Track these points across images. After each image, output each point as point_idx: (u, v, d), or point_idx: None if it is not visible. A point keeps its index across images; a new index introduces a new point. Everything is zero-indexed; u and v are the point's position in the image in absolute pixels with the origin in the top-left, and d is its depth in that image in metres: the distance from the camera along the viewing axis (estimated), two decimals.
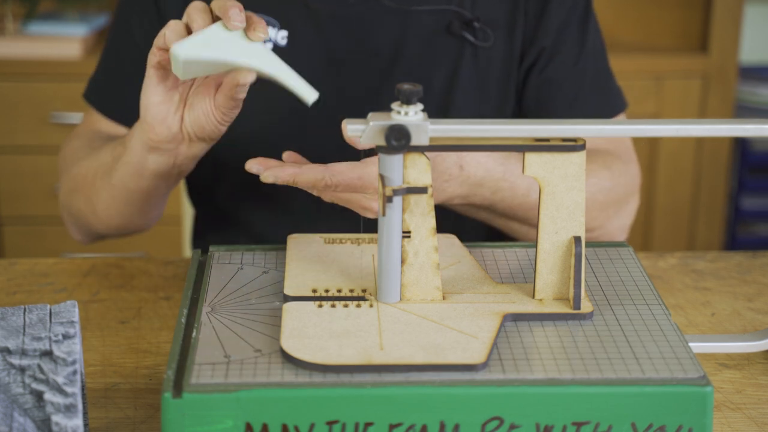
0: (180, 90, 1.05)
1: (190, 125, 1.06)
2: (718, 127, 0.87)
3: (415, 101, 0.86)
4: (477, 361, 0.81)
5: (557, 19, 1.27)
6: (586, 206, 1.21)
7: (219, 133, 1.07)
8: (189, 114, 1.05)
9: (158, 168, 1.11)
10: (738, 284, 1.19)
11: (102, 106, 1.32)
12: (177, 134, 1.07)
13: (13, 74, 2.46)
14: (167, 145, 1.08)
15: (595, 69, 1.30)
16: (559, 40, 1.27)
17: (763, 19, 2.89)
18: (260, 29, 0.98)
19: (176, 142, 1.07)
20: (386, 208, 0.87)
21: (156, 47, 1.02)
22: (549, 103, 1.28)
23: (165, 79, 1.04)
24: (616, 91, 1.33)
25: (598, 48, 1.31)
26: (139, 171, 1.13)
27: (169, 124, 1.06)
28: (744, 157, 2.73)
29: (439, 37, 1.26)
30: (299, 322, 0.86)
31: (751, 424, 0.90)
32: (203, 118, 1.04)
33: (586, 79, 1.29)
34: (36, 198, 2.51)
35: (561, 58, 1.27)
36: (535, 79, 1.28)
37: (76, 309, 0.87)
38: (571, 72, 1.28)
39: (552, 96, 1.28)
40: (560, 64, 1.27)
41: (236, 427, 0.78)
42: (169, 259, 1.24)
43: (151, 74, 1.03)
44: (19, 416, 0.77)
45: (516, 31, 1.27)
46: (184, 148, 1.09)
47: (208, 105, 1.04)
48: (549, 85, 1.28)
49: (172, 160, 1.10)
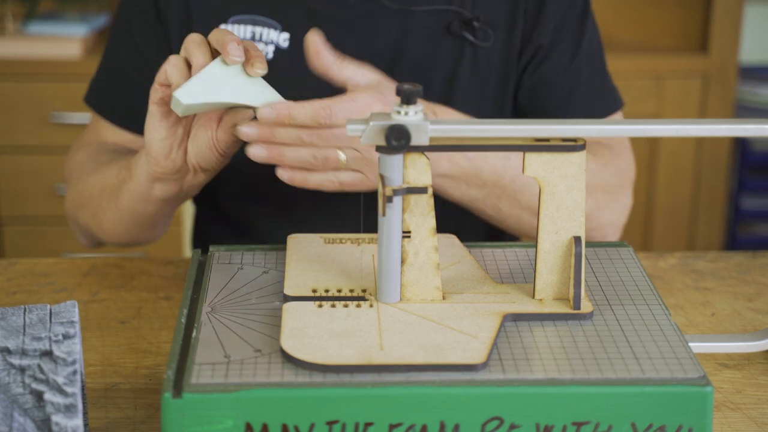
0: (183, 123, 1.05)
1: (194, 157, 1.06)
2: (718, 127, 0.87)
3: (415, 101, 0.86)
4: (477, 361, 0.81)
5: (554, 18, 1.27)
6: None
7: (222, 164, 1.07)
8: (192, 146, 1.05)
9: (164, 195, 1.12)
10: (738, 284, 1.19)
11: (104, 111, 1.32)
12: (182, 166, 1.07)
13: (13, 74, 2.46)
14: (173, 176, 1.08)
15: (591, 68, 1.30)
16: (555, 39, 1.27)
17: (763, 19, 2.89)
18: (258, 65, 0.99)
19: (181, 173, 1.08)
20: (386, 208, 0.87)
21: (158, 83, 1.02)
22: (544, 101, 1.28)
23: (168, 114, 1.04)
24: (612, 90, 1.33)
25: (595, 47, 1.30)
26: (145, 197, 1.14)
27: (174, 158, 1.06)
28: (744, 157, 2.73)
29: (439, 38, 1.26)
30: (299, 322, 0.86)
31: (751, 424, 0.90)
32: (206, 151, 1.04)
33: (581, 77, 1.29)
34: (36, 198, 2.51)
35: (556, 57, 1.27)
36: (530, 77, 1.28)
37: (76, 309, 0.87)
38: (567, 70, 1.28)
39: (546, 94, 1.28)
40: (555, 63, 1.27)
41: (236, 427, 0.78)
42: (169, 259, 1.24)
43: (154, 110, 1.03)
44: (19, 416, 0.77)
45: (515, 30, 1.27)
46: (190, 177, 1.09)
47: (211, 139, 1.04)
48: (543, 83, 1.28)
49: (178, 188, 1.11)
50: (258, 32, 1.25)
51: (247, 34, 1.26)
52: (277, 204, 1.32)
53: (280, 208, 1.32)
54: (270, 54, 1.25)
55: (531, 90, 1.28)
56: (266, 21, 1.25)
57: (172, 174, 1.08)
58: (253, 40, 1.26)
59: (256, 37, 1.25)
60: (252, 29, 1.25)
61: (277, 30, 1.25)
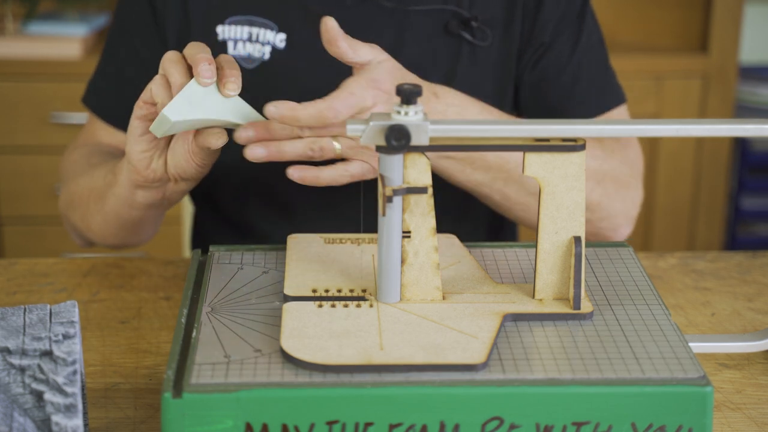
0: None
1: (173, 168, 1.06)
2: (718, 127, 0.87)
3: (415, 101, 0.86)
4: (477, 361, 0.81)
5: (553, 14, 1.27)
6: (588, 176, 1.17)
7: (201, 174, 1.07)
8: (171, 158, 1.06)
9: (147, 201, 1.13)
10: (738, 284, 1.19)
11: (100, 111, 1.33)
12: (162, 176, 1.08)
13: (13, 74, 2.46)
14: (153, 184, 1.09)
15: (592, 62, 1.29)
16: (555, 34, 1.27)
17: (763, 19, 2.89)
18: (230, 86, 0.99)
19: (162, 182, 1.09)
20: (386, 208, 0.87)
21: (142, 101, 1.02)
22: (546, 95, 1.28)
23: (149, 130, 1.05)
24: (615, 85, 1.32)
25: (595, 42, 1.30)
26: (129, 203, 1.15)
27: (154, 168, 1.07)
28: (744, 157, 2.73)
29: (436, 37, 1.26)
30: (299, 322, 0.86)
31: (751, 424, 0.90)
32: (184, 163, 1.05)
33: (582, 71, 1.28)
34: (36, 198, 2.51)
35: (556, 50, 1.27)
36: (530, 73, 1.28)
37: (76, 309, 0.87)
38: (567, 64, 1.27)
39: (548, 88, 1.28)
40: (555, 58, 1.27)
41: (236, 427, 0.78)
42: (169, 259, 1.24)
43: (136, 125, 1.04)
44: (19, 416, 0.77)
45: (513, 29, 1.27)
46: (171, 185, 1.10)
47: (187, 151, 1.04)
48: (544, 78, 1.28)
49: (160, 194, 1.12)
50: (255, 33, 1.25)
51: (244, 35, 1.26)
52: (277, 204, 1.32)
53: (280, 208, 1.32)
54: (267, 55, 1.25)
55: (533, 86, 1.28)
56: (263, 22, 1.25)
57: (153, 182, 1.09)
58: (250, 40, 1.26)
59: (252, 37, 1.25)
60: (249, 30, 1.25)
61: (273, 31, 1.25)
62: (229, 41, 1.25)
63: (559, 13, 1.27)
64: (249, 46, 1.25)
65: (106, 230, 1.24)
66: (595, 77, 1.30)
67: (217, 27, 1.26)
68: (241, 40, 1.25)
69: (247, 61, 1.25)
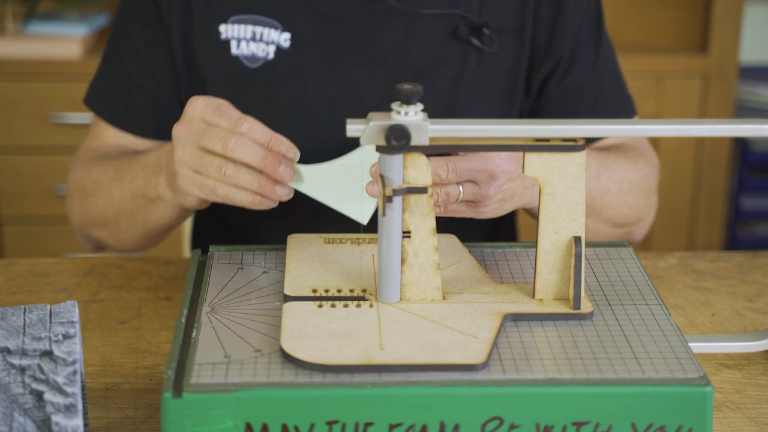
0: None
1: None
2: (718, 127, 0.87)
3: (416, 101, 0.86)
4: (477, 361, 0.81)
5: (572, 26, 1.26)
6: (637, 193, 1.22)
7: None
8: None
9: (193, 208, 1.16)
10: (738, 284, 1.19)
11: (103, 112, 1.32)
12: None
13: (13, 74, 2.46)
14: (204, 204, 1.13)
15: (611, 74, 1.31)
16: (575, 47, 1.27)
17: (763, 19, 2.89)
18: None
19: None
20: (386, 208, 0.87)
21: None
22: (571, 111, 1.28)
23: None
24: (628, 97, 1.33)
25: (611, 53, 1.31)
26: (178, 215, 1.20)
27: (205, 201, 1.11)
28: (744, 157, 2.73)
29: (444, 41, 1.26)
30: (299, 322, 0.86)
31: (751, 424, 0.90)
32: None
33: (603, 83, 1.29)
34: (36, 198, 2.51)
35: (579, 66, 1.27)
36: (556, 89, 1.27)
37: (76, 309, 0.87)
38: (590, 79, 1.28)
39: (574, 104, 1.28)
40: (579, 72, 1.27)
41: (236, 427, 0.78)
42: (169, 259, 1.25)
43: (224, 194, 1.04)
44: (19, 416, 0.77)
45: (525, 37, 1.26)
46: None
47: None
48: (570, 94, 1.27)
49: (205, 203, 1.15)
50: (258, 32, 1.25)
51: (248, 34, 1.25)
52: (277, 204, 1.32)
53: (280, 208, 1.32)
54: (271, 54, 1.25)
55: (557, 101, 1.28)
56: (267, 21, 1.25)
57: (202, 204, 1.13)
58: (254, 39, 1.25)
59: (256, 36, 1.25)
60: (252, 29, 1.25)
61: (278, 30, 1.25)
62: (233, 40, 1.25)
63: (578, 25, 1.26)
64: (253, 46, 1.25)
65: (143, 242, 1.28)
66: (614, 90, 1.31)
67: (221, 26, 1.26)
68: (244, 39, 1.25)
69: (251, 61, 1.25)
